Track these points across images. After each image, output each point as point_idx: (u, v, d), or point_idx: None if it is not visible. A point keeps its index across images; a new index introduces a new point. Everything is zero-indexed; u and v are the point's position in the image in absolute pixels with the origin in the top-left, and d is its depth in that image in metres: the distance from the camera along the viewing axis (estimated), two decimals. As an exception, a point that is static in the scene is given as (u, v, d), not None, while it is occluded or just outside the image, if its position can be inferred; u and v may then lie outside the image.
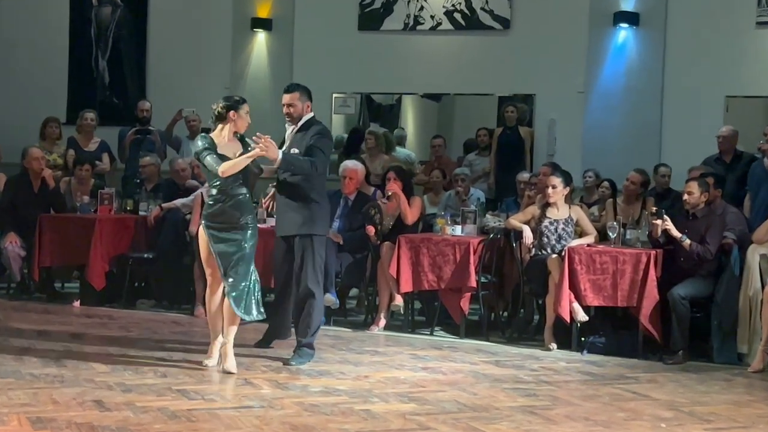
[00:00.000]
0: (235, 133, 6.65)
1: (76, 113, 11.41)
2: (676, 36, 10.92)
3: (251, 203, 6.85)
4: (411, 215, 8.81)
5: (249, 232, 6.62)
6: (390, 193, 8.84)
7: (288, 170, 6.86)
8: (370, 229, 8.70)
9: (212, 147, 6.53)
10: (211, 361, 6.73)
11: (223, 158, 6.50)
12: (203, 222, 6.69)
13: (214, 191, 6.62)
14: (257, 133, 6.57)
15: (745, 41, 10.68)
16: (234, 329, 6.65)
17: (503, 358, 7.55)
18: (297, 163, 6.82)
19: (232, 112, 6.60)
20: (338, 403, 5.90)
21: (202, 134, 6.77)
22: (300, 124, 7.02)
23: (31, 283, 9.73)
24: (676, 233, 7.66)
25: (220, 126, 6.66)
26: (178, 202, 9.55)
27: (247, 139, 6.68)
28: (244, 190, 6.63)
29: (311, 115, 7.07)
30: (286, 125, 7.08)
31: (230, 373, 6.50)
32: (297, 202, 6.94)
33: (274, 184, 7.24)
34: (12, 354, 6.95)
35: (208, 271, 6.76)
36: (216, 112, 6.64)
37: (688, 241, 7.65)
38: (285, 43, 12.31)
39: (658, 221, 7.79)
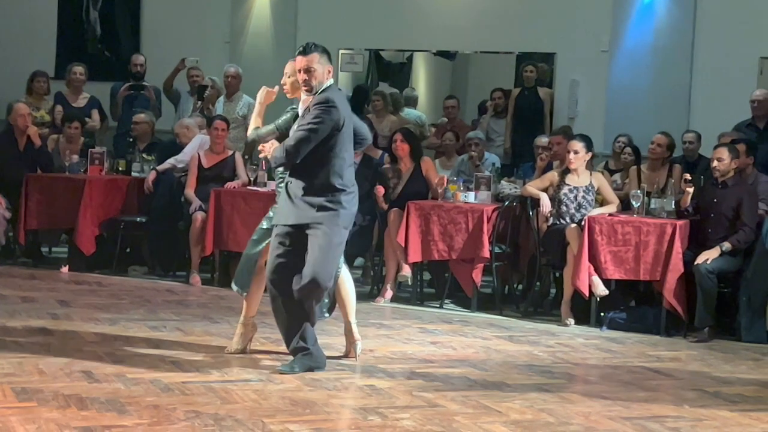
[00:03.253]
0: None
1: (65, 67, 11.40)
2: (708, -8, 10.85)
3: None
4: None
5: None
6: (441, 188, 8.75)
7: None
8: (380, 189, 8.74)
9: None
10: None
11: None
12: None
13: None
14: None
15: (782, -1, 10.61)
16: None
17: (517, 334, 7.57)
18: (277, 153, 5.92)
19: None
20: (341, 377, 5.92)
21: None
22: (318, 97, 5.92)
23: (16, 247, 9.78)
24: (716, 253, 7.60)
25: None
26: (172, 159, 9.55)
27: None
28: None
29: (330, 82, 6.03)
30: (302, 97, 6.09)
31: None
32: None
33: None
34: (-4, 321, 7.00)
35: None
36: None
37: (729, 245, 7.62)
38: (289, -6, 12.26)
39: (691, 188, 7.79)
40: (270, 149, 5.98)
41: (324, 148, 5.86)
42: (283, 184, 6.10)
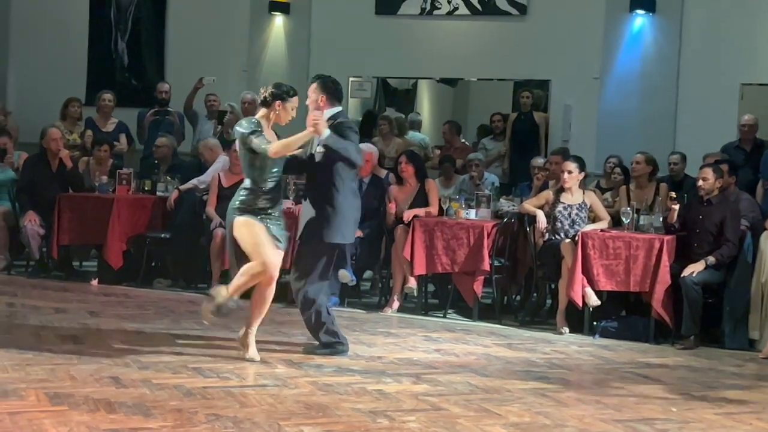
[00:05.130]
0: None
1: (96, 94, 11.43)
2: (691, 23, 10.84)
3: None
4: (436, 206, 8.80)
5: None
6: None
7: (331, 151, 6.28)
8: (392, 206, 8.74)
9: (259, 129, 6.21)
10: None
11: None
12: (250, 215, 6.24)
13: (270, 184, 6.27)
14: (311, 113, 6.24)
15: (761, 29, 10.61)
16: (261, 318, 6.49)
17: (515, 341, 7.55)
18: (341, 144, 6.27)
19: (278, 102, 6.27)
20: (351, 383, 5.90)
21: (250, 117, 6.44)
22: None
23: (49, 262, 9.77)
24: (701, 266, 7.58)
25: (264, 111, 6.32)
26: (194, 180, 9.58)
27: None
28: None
29: (336, 110, 6.45)
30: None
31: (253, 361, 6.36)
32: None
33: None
34: (30, 331, 7.00)
35: (260, 260, 6.22)
36: (262, 98, 6.32)
37: (713, 259, 7.61)
38: (303, 26, 12.29)
39: (676, 205, 7.78)
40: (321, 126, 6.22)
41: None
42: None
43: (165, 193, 9.69)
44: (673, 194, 8.00)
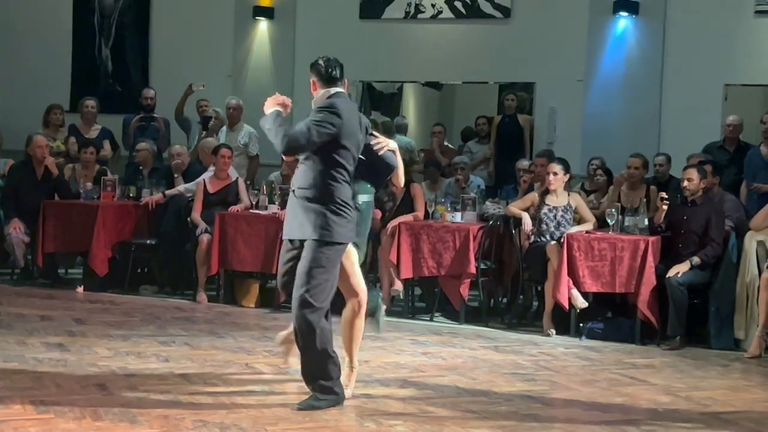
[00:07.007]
0: None
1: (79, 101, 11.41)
2: (675, 24, 10.89)
3: None
4: (422, 211, 8.81)
5: None
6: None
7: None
8: (377, 212, 8.73)
9: None
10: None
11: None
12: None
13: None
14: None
15: (744, 30, 10.65)
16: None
17: (502, 344, 7.56)
18: (266, 125, 5.41)
19: None
20: (338, 387, 5.89)
21: None
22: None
23: (34, 269, 9.74)
24: (686, 267, 7.62)
25: None
26: (181, 187, 9.58)
27: None
28: None
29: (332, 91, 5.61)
30: None
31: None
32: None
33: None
34: (16, 338, 6.96)
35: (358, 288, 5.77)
36: None
37: (698, 259, 7.65)
38: (287, 31, 12.29)
39: (665, 206, 7.81)
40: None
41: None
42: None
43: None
44: (664, 194, 8.02)
